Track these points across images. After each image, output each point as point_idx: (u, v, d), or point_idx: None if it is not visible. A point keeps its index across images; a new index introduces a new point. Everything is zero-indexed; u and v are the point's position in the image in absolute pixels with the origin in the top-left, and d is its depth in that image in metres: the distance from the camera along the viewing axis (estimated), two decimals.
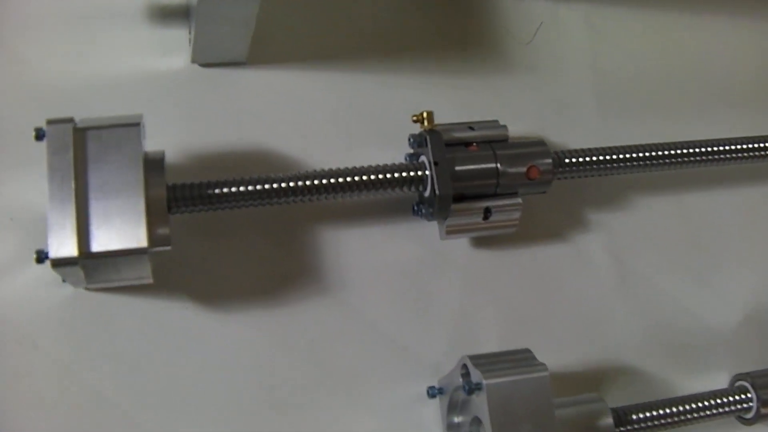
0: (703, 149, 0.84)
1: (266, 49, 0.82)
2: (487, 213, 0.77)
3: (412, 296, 0.80)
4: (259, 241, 0.78)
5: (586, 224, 0.87)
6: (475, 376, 0.67)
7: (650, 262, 0.88)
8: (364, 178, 0.74)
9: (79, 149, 0.65)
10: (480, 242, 0.83)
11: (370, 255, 0.80)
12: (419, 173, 0.75)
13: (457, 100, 0.86)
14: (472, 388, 0.66)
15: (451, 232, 0.77)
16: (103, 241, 0.64)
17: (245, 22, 0.75)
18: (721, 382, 0.85)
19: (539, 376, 0.67)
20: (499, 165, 0.76)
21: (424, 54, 0.88)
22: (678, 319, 0.87)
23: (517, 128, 0.85)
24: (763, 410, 0.79)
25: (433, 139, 0.75)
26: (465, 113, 0.84)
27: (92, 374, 0.72)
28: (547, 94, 0.90)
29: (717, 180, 0.93)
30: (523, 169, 0.77)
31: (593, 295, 0.85)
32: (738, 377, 0.82)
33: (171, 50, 0.80)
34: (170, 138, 0.77)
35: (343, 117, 0.83)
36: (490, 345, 0.80)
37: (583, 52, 0.93)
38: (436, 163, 0.74)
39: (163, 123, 0.76)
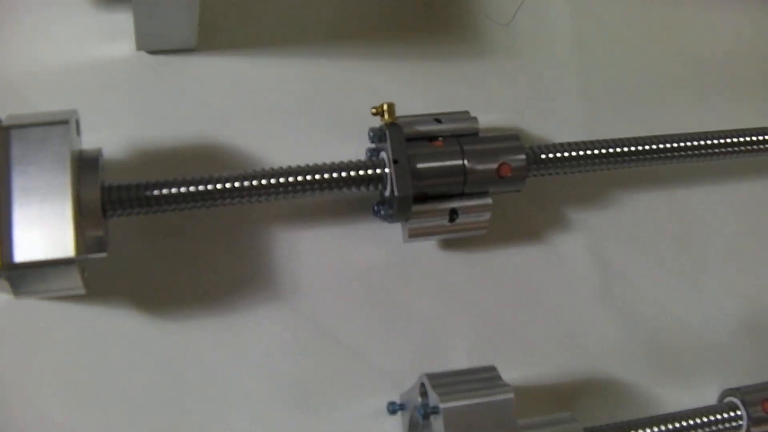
0: (695, 143, 0.77)
1: (217, 33, 0.77)
2: (453, 215, 0.71)
3: (373, 302, 0.75)
4: (207, 243, 0.72)
5: (565, 223, 0.81)
6: (433, 398, 0.62)
7: (636, 263, 0.81)
8: (317, 177, 0.68)
9: (2, 150, 0.60)
10: (449, 244, 0.77)
11: (328, 258, 0.74)
12: (378, 171, 0.69)
13: (427, 87, 0.80)
14: (428, 412, 0.61)
15: (413, 235, 0.71)
16: (26, 250, 0.59)
17: (187, 6, 0.68)
18: (710, 395, 0.79)
19: (503, 398, 0.62)
20: (466, 162, 0.70)
21: (391, 37, 0.81)
22: (665, 326, 0.81)
23: (492, 119, 0.79)
24: (754, 429, 0.73)
25: (393, 134, 0.68)
26: (435, 102, 0.78)
27: (29, 388, 0.67)
28: (527, 81, 0.83)
29: (710, 173, 0.86)
30: (494, 166, 0.70)
31: (573, 301, 0.79)
32: (727, 393, 0.77)
33: (116, 36, 0.74)
34: (115, 132, 0.72)
35: (302, 107, 0.77)
36: (459, 356, 0.75)
37: (566, 34, 0.86)
38: (395, 161, 0.68)
39: (107, 116, 0.72)
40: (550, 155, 0.73)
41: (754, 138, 0.79)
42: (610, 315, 0.80)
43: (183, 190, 0.66)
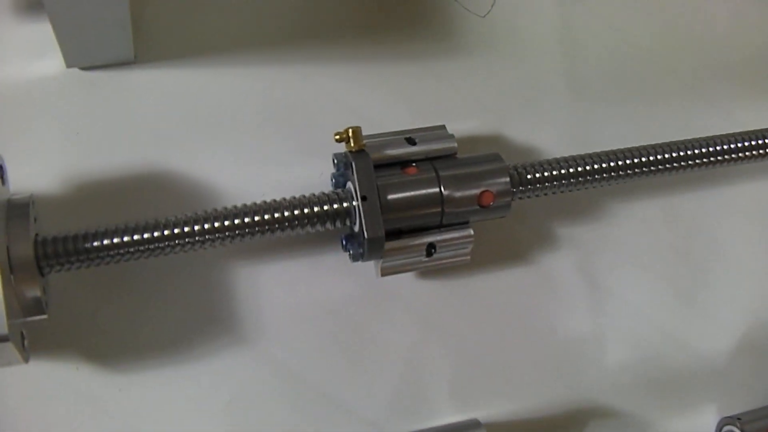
0: (695, 151, 0.70)
1: (160, 41, 0.68)
2: (431, 249, 0.64)
3: (345, 340, 0.68)
4: (160, 285, 0.65)
5: (553, 240, 0.74)
6: None
7: (630, 281, 0.75)
8: (277, 215, 0.61)
9: None
10: (427, 271, 0.70)
11: (293, 293, 0.68)
12: (345, 205, 0.62)
13: (398, 92, 0.72)
14: None
15: (387, 273, 0.64)
16: None
17: (118, 24, 0.60)
18: (709, 421, 0.75)
19: None
20: (443, 189, 0.62)
21: (356, 36, 0.72)
22: (661, 348, 0.76)
23: (471, 126, 0.72)
24: None
25: (360, 165, 0.61)
26: (407, 108, 0.72)
27: None
28: (509, 80, 0.75)
29: (707, 177, 0.79)
30: (474, 193, 0.63)
31: (563, 325, 0.73)
32: (726, 421, 0.72)
33: (43, 51, 0.65)
34: (46, 163, 0.65)
35: (259, 123, 0.69)
36: (441, 395, 0.70)
37: (552, 24, 0.77)
38: (363, 198, 0.60)
39: (36, 144, 0.65)
40: (537, 174, 0.66)
41: (758, 142, 0.71)
42: (603, 339, 0.74)
43: (127, 238, 0.58)
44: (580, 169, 0.67)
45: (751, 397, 0.75)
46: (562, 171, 0.66)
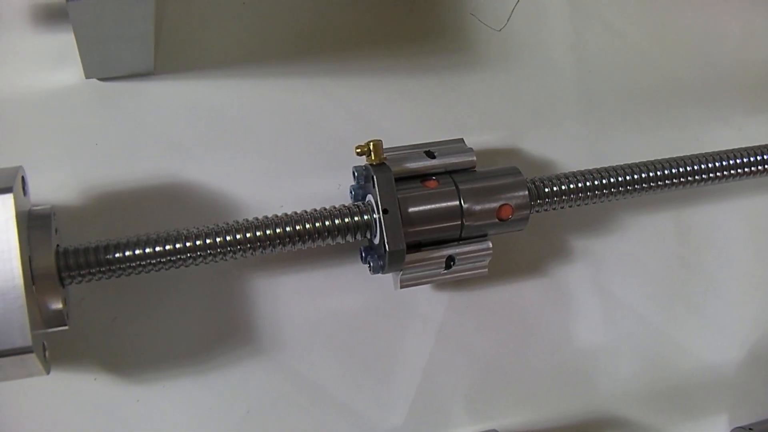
0: (710, 165, 0.70)
1: (179, 54, 0.68)
2: (449, 262, 0.64)
3: (362, 352, 0.69)
4: (180, 296, 0.66)
5: (567, 253, 0.74)
6: None
7: (642, 292, 0.76)
8: (298, 228, 0.61)
9: None
10: (443, 283, 0.70)
11: (312, 305, 0.68)
12: (366, 218, 0.62)
13: (414, 104, 0.72)
14: None
15: (406, 285, 0.64)
16: None
17: (141, 38, 0.60)
18: (721, 430, 0.75)
19: None
20: (463, 203, 0.63)
21: (371, 50, 0.72)
22: (673, 359, 0.76)
23: (487, 140, 0.73)
24: None
25: (381, 179, 0.61)
26: (423, 122, 0.72)
27: None
28: (525, 93, 0.75)
29: (717, 189, 0.79)
30: (494, 206, 0.64)
31: (576, 337, 0.74)
32: (737, 431, 0.72)
33: (62, 62, 0.65)
34: (66, 173, 0.65)
35: (275, 135, 0.69)
36: (457, 405, 0.70)
37: (566, 37, 0.77)
38: (385, 211, 0.60)
39: (55, 155, 0.65)
40: (554, 188, 0.67)
41: None
42: (616, 350, 0.75)
43: (148, 250, 0.58)
44: (596, 182, 0.67)
45: (762, 407, 0.76)
46: (579, 185, 0.67)
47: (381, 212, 0.60)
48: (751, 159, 0.71)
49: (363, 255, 0.65)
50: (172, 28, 0.67)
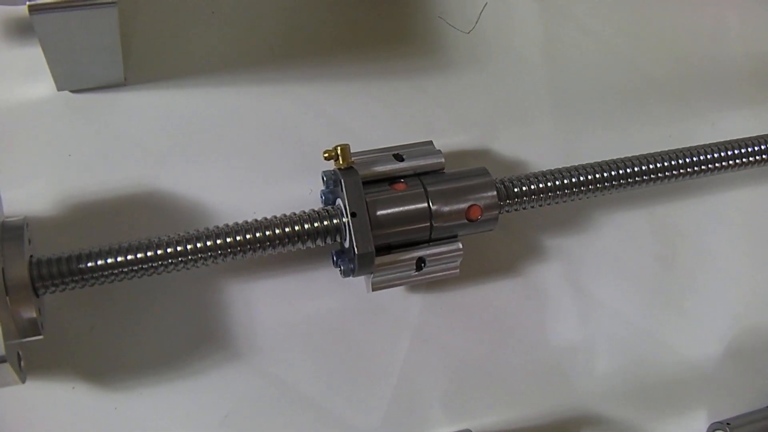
0: (681, 161, 0.71)
1: (150, 63, 0.69)
2: (420, 264, 0.64)
3: (338, 354, 0.69)
4: (156, 304, 0.66)
5: (542, 252, 0.75)
6: None
7: (617, 290, 0.76)
8: (268, 233, 0.62)
9: None
10: (417, 285, 0.71)
11: (287, 309, 0.69)
12: (335, 221, 0.63)
13: (385, 109, 0.73)
14: None
15: (378, 288, 0.65)
16: None
17: (108, 49, 0.61)
18: (700, 425, 0.75)
19: None
20: (431, 204, 0.63)
21: (341, 55, 0.73)
22: (650, 355, 0.76)
23: (458, 141, 0.73)
24: None
25: (348, 183, 0.61)
26: (394, 125, 0.72)
27: None
28: (495, 94, 0.76)
29: (692, 185, 0.80)
30: (462, 207, 0.64)
31: (552, 335, 0.74)
32: (715, 426, 0.73)
33: (35, 74, 0.66)
34: (39, 185, 0.65)
35: (247, 141, 0.70)
36: (433, 407, 0.70)
37: (536, 36, 0.78)
38: (353, 214, 0.61)
39: (29, 166, 0.65)
40: (523, 188, 0.67)
41: (740, 151, 0.72)
42: (593, 347, 0.75)
43: (121, 259, 0.59)
44: (566, 181, 0.68)
45: (740, 402, 0.76)
46: (548, 184, 0.67)
47: (349, 216, 0.61)
48: (724, 154, 0.72)
49: (334, 259, 0.66)
50: (143, 38, 0.68)
